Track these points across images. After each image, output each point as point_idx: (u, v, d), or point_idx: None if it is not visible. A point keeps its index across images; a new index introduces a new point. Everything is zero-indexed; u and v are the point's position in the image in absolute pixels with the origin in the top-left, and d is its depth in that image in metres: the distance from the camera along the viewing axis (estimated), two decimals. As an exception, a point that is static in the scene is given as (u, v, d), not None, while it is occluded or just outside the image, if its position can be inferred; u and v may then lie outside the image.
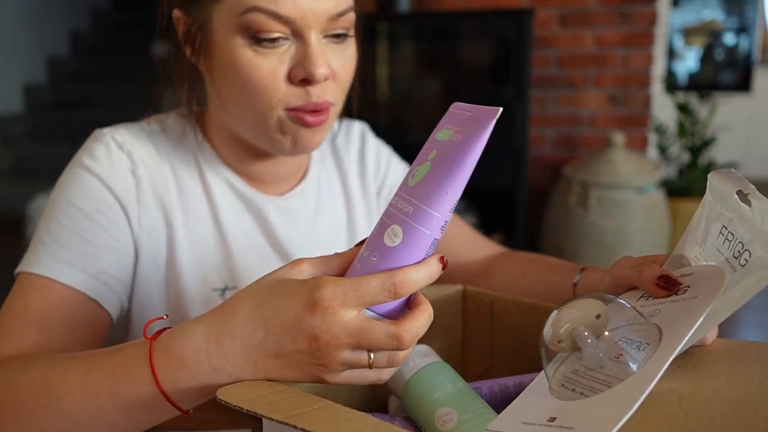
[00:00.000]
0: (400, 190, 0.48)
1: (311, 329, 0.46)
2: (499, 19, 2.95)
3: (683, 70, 4.94)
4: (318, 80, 0.68)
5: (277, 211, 0.82)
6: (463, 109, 0.48)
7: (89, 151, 0.74)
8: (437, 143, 0.47)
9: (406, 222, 0.45)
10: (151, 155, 0.77)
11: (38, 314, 0.65)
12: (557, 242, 2.90)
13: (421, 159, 0.48)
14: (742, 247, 0.48)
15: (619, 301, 0.48)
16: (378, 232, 0.47)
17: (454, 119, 0.48)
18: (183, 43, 0.74)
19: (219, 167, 0.80)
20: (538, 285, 0.77)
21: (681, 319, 0.45)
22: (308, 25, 0.67)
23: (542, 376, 0.48)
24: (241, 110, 0.72)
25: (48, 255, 0.68)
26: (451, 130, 0.47)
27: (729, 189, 0.50)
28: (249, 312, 0.48)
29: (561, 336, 0.46)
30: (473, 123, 0.45)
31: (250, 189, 0.81)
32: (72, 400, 0.51)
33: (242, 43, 0.68)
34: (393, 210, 0.47)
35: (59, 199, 0.72)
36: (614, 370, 0.43)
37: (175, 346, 0.49)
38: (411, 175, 0.47)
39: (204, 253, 0.78)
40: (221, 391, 0.46)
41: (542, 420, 0.43)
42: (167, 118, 0.81)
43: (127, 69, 4.80)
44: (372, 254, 0.47)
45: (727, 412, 0.41)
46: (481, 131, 0.44)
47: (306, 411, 0.42)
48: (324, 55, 0.68)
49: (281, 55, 0.68)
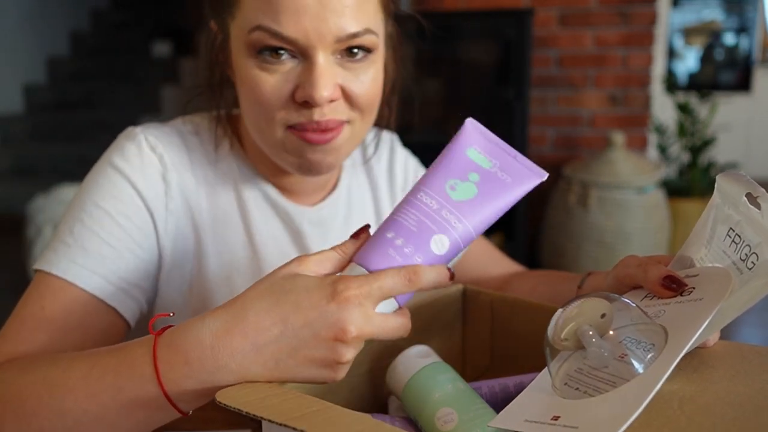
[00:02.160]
0: (440, 198, 0.52)
1: (339, 321, 0.46)
2: (499, 19, 2.95)
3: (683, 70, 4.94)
4: (318, 103, 0.65)
5: (309, 223, 0.81)
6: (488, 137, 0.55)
7: (120, 150, 0.72)
8: (475, 167, 0.53)
9: (454, 237, 0.51)
10: (182, 159, 0.75)
11: (54, 318, 0.64)
12: (557, 242, 2.90)
13: (457, 174, 0.53)
14: (750, 249, 0.48)
15: (624, 300, 0.47)
16: (419, 232, 0.50)
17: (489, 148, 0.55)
18: (218, 52, 0.74)
19: (252, 176, 0.79)
20: (546, 296, 0.77)
21: (687, 321, 0.45)
22: (313, 45, 0.64)
23: (545, 374, 0.48)
24: (252, 126, 0.71)
25: (68, 256, 0.67)
26: (489, 159, 0.54)
27: (738, 191, 0.50)
28: (264, 308, 0.48)
29: (565, 335, 0.46)
30: (521, 175, 0.53)
31: (284, 199, 0.80)
32: (74, 398, 0.51)
33: (251, 60, 0.66)
34: (438, 218, 0.51)
35: (85, 198, 0.70)
36: (619, 370, 0.43)
37: (179, 342, 0.49)
38: (451, 187, 0.52)
39: (232, 261, 0.77)
40: (221, 393, 0.46)
41: (546, 418, 0.43)
42: (201, 120, 0.79)
43: (127, 69, 4.80)
44: (417, 254, 0.50)
45: (729, 417, 0.41)
46: (525, 187, 0.53)
47: (306, 413, 0.42)
48: (329, 76, 0.65)
49: (286, 74, 0.66)
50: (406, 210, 0.52)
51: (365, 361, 0.62)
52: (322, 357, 0.47)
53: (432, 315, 0.68)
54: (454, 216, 0.51)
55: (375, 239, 0.51)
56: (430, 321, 0.68)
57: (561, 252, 2.86)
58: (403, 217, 0.51)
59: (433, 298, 0.68)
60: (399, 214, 0.52)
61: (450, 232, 0.51)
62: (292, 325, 0.47)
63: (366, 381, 0.63)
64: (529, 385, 0.48)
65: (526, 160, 0.54)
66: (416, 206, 0.51)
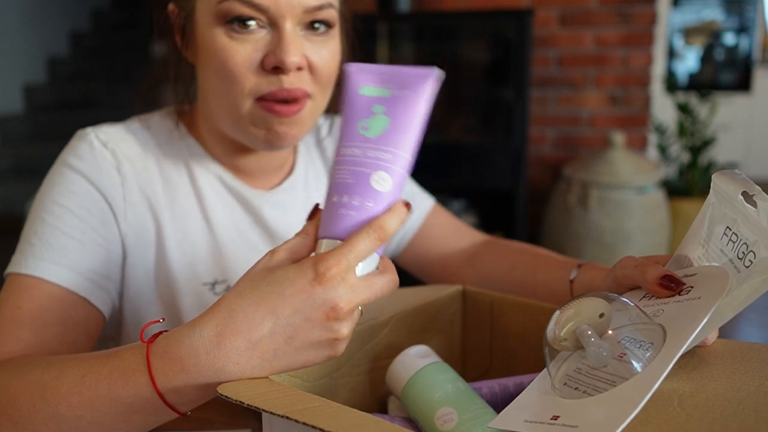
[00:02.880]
0: (358, 142, 0.52)
1: (327, 301, 0.47)
2: (499, 19, 2.95)
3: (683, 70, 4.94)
4: (289, 68, 0.68)
5: (268, 205, 0.82)
6: (372, 70, 0.55)
7: (73, 150, 0.74)
8: (375, 100, 0.53)
9: (390, 168, 0.51)
10: (135, 152, 0.77)
11: (31, 315, 0.65)
12: (557, 242, 2.90)
13: (362, 114, 0.53)
14: (747, 248, 0.48)
15: (623, 299, 0.48)
16: (357, 180, 0.51)
17: (378, 78, 0.54)
18: (175, 34, 0.75)
19: (207, 162, 0.80)
20: (527, 277, 0.77)
21: (685, 320, 0.45)
22: (282, 14, 0.68)
23: (544, 374, 0.48)
24: (218, 101, 0.72)
25: (35, 255, 0.68)
26: (383, 88, 0.54)
27: (734, 190, 0.50)
28: (251, 305, 0.48)
29: (564, 334, 0.46)
30: (416, 83, 0.53)
31: (239, 182, 0.81)
32: (68, 404, 0.51)
33: (219, 31, 0.69)
34: (367, 160, 0.51)
35: (44, 199, 0.72)
36: (618, 370, 0.43)
37: (173, 350, 0.49)
38: (363, 128, 0.52)
39: (193, 248, 0.78)
40: (222, 386, 0.46)
41: (545, 418, 0.43)
42: (152, 116, 0.81)
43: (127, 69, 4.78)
44: (366, 201, 0.50)
45: (728, 413, 0.41)
46: (427, 91, 0.53)
47: (307, 407, 0.43)
48: (298, 44, 0.69)
49: (256, 43, 0.69)
50: (338, 169, 0.53)
51: (365, 361, 0.62)
52: (319, 338, 0.48)
53: (432, 315, 0.68)
54: (379, 151, 0.52)
55: (326, 209, 0.52)
56: (430, 321, 0.68)
57: (561, 252, 2.84)
58: (337, 177, 0.52)
59: (433, 298, 0.68)
60: (334, 176, 0.53)
61: (383, 165, 0.51)
62: (283, 314, 0.48)
63: (366, 381, 0.63)
64: (528, 385, 0.48)
65: (414, 68, 0.54)
66: (343, 161, 0.52)
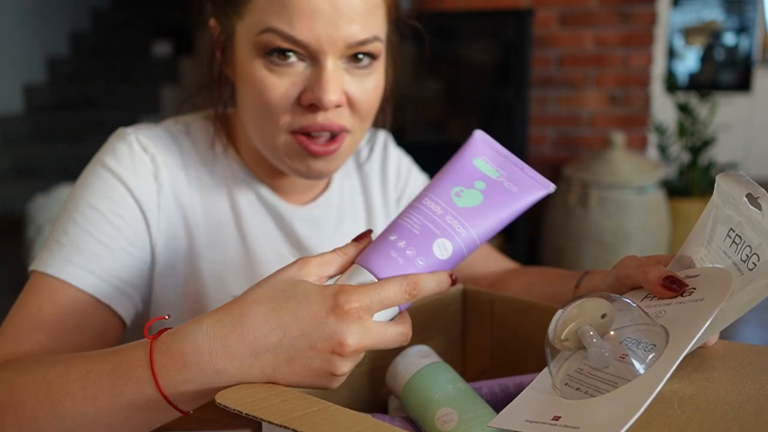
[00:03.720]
0: (445, 204, 0.52)
1: (337, 335, 0.46)
2: (499, 19, 2.95)
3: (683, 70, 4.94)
4: (326, 106, 0.66)
5: (301, 221, 0.81)
6: (496, 149, 0.56)
7: (112, 151, 0.73)
8: (482, 176, 0.54)
9: (457, 242, 0.51)
10: (174, 160, 0.75)
11: (50, 319, 0.64)
12: (557, 242, 2.90)
13: (463, 182, 0.53)
14: (750, 250, 0.48)
15: (625, 300, 0.47)
16: (423, 236, 0.50)
17: (496, 159, 0.55)
18: (216, 50, 0.74)
19: (244, 175, 0.79)
20: (542, 293, 0.77)
21: (688, 322, 0.45)
22: (324, 50, 0.65)
23: (545, 374, 0.48)
24: (254, 128, 0.71)
25: (62, 256, 0.67)
26: (496, 170, 0.54)
27: (738, 192, 0.49)
28: (263, 314, 0.48)
29: (565, 335, 0.46)
30: (528, 185, 0.54)
31: (276, 198, 0.80)
32: (72, 401, 0.51)
33: (258, 62, 0.66)
34: (442, 223, 0.51)
35: (78, 198, 0.71)
36: (620, 371, 0.43)
37: (176, 346, 0.49)
38: (456, 194, 0.53)
39: (225, 260, 0.77)
40: (220, 395, 0.46)
41: (546, 418, 0.43)
42: (193, 120, 0.80)
43: (127, 69, 4.80)
44: (419, 258, 0.50)
45: (729, 417, 0.40)
46: (531, 197, 0.54)
47: (305, 413, 0.42)
48: (338, 81, 0.66)
49: (295, 77, 0.66)
50: (410, 214, 0.52)
51: (365, 361, 0.62)
52: (318, 368, 0.47)
53: (432, 315, 0.68)
54: (457, 221, 0.51)
55: (377, 242, 0.51)
56: (430, 321, 0.68)
57: (561, 252, 2.86)
58: (406, 221, 0.51)
59: (433, 298, 0.68)
60: (403, 218, 0.52)
61: (453, 237, 0.51)
62: (290, 333, 0.47)
63: (366, 381, 0.63)
64: (528, 385, 0.48)
65: (533, 172, 0.55)
66: (420, 211, 0.52)
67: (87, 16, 5.30)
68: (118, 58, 4.87)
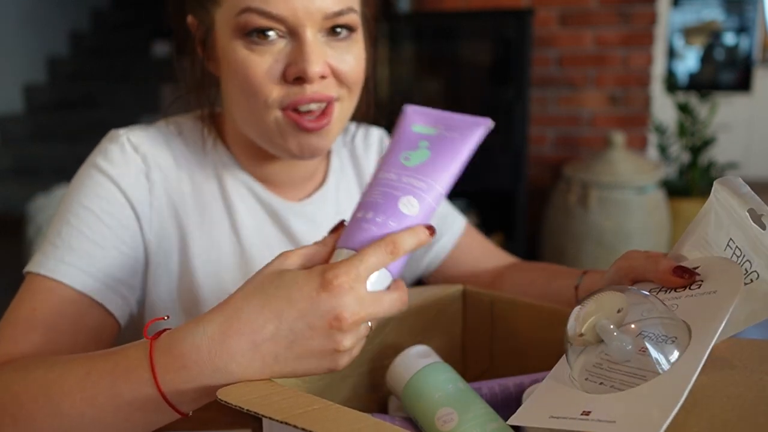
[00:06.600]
0: (397, 169, 0.54)
1: (332, 310, 0.47)
2: (499, 19, 2.95)
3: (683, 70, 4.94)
4: (312, 78, 0.67)
5: (297, 217, 0.81)
6: (427, 112, 0.58)
7: (104, 152, 0.73)
8: (423, 136, 0.56)
9: (421, 195, 0.52)
10: (166, 159, 0.76)
11: (45, 319, 0.65)
12: (557, 242, 2.90)
13: (407, 147, 0.56)
14: (750, 266, 0.48)
15: (642, 293, 0.47)
16: (386, 200, 0.52)
17: (431, 119, 0.57)
18: (197, 47, 0.74)
19: (237, 171, 0.79)
20: (543, 290, 0.77)
21: (706, 314, 0.45)
22: (302, 23, 0.66)
23: (557, 370, 0.48)
24: (243, 113, 0.72)
25: (56, 257, 0.68)
26: (433, 127, 0.56)
27: (739, 205, 0.49)
28: (257, 307, 0.48)
29: (584, 330, 0.46)
30: (466, 128, 0.56)
31: (269, 193, 0.80)
32: (71, 401, 0.51)
33: (239, 44, 0.67)
34: (400, 185, 0.52)
35: (71, 200, 0.71)
36: (643, 364, 0.43)
37: (176, 347, 0.49)
38: (405, 158, 0.55)
39: (219, 257, 0.77)
40: (221, 391, 0.46)
41: (575, 414, 0.42)
42: (185, 121, 0.80)
43: (127, 69, 4.80)
44: (389, 220, 0.51)
45: (728, 408, 0.41)
46: (474, 137, 0.55)
47: (306, 411, 0.42)
48: (320, 52, 0.67)
49: (276, 54, 0.67)
50: (370, 190, 0.54)
51: (365, 361, 0.62)
52: (320, 347, 0.48)
53: (432, 315, 0.68)
54: (415, 179, 0.53)
55: (350, 223, 0.53)
56: (430, 321, 0.68)
57: (561, 252, 2.86)
58: (367, 196, 0.53)
59: (433, 299, 0.68)
60: (365, 196, 0.54)
61: (415, 191, 0.52)
62: (287, 319, 0.47)
63: (366, 381, 0.63)
64: (529, 385, 0.48)
65: (468, 116, 0.57)
66: (378, 183, 0.54)
67: (87, 16, 5.30)
68: (118, 58, 4.87)
